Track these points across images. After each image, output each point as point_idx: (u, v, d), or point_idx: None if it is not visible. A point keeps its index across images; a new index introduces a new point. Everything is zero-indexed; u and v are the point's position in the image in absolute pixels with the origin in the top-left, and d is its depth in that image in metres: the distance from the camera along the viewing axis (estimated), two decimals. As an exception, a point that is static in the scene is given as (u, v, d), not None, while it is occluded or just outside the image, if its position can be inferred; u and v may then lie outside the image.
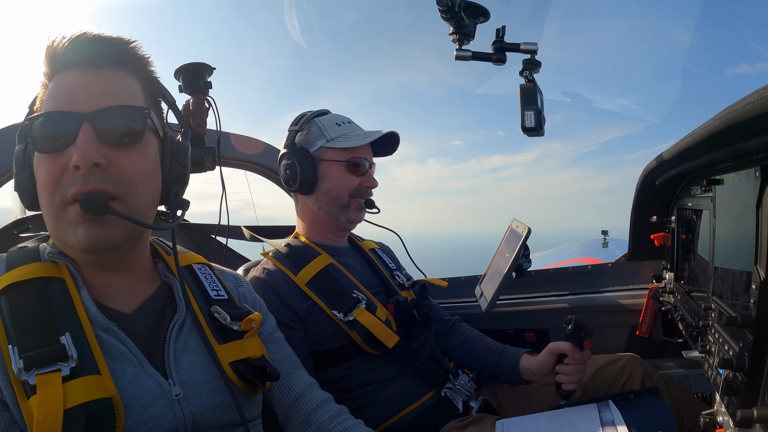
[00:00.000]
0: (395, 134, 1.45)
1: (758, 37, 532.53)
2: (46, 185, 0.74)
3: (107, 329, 0.76)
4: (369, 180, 1.43)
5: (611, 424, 1.05)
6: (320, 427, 0.96)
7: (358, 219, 1.45)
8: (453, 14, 1.10)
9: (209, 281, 0.94)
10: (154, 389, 0.75)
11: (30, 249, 0.82)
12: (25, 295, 0.74)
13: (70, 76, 0.76)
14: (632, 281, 1.92)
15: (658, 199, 1.62)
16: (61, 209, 0.74)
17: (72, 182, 0.72)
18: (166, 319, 0.84)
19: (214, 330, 0.86)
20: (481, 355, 1.47)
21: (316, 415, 0.97)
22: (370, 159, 1.44)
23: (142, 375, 0.75)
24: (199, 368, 0.81)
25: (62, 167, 0.73)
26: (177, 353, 0.81)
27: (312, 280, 1.31)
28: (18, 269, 0.77)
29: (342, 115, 1.47)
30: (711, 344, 0.98)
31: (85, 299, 0.77)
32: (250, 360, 0.87)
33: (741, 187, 0.84)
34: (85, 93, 0.75)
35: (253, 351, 0.88)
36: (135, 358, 0.76)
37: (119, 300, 0.82)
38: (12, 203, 1.95)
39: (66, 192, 0.72)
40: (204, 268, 0.97)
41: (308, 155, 1.39)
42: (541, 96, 1.20)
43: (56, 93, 0.76)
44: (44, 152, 0.74)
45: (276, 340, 1.02)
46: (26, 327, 0.71)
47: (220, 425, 0.81)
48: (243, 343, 0.87)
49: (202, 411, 0.78)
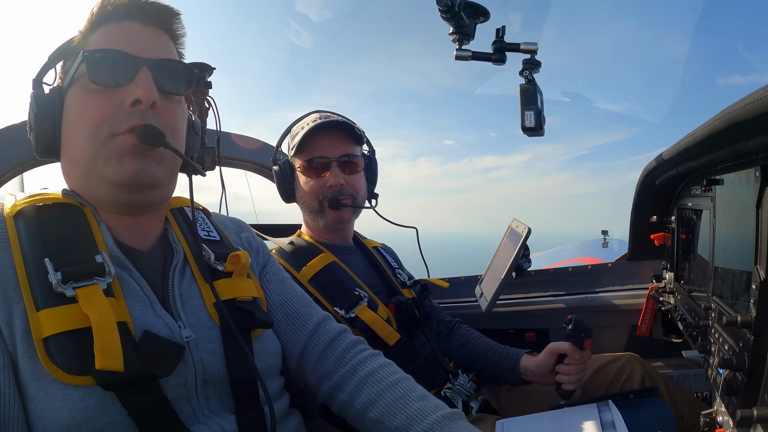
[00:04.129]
0: (339, 122, 1.37)
1: (751, 49, 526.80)
2: (93, 118, 0.75)
3: (122, 265, 0.77)
4: (331, 178, 1.37)
5: (611, 424, 1.05)
6: (337, 360, 0.93)
7: (338, 220, 1.40)
8: (453, 14, 1.10)
9: (200, 222, 0.94)
10: (162, 330, 0.74)
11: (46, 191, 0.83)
12: (55, 215, 0.76)
13: (130, 26, 0.79)
14: (632, 281, 1.92)
15: (658, 199, 1.62)
16: (107, 140, 0.75)
17: (127, 117, 0.75)
18: (167, 262, 0.84)
19: (203, 270, 0.85)
20: (481, 356, 1.47)
21: (331, 348, 0.95)
22: (331, 155, 1.38)
23: (151, 315, 0.75)
24: (206, 312, 0.81)
25: (116, 103, 0.75)
26: (183, 296, 0.81)
27: (314, 277, 1.31)
28: (40, 194, 0.79)
29: (321, 111, 1.44)
30: (711, 344, 0.98)
31: (104, 233, 0.78)
32: (237, 301, 0.84)
33: (741, 187, 0.84)
34: (145, 43, 0.79)
35: (241, 292, 0.86)
36: (147, 298, 0.76)
37: (133, 240, 0.83)
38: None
39: (118, 125, 0.74)
40: (197, 212, 0.97)
41: (285, 165, 1.43)
42: (541, 96, 1.20)
43: (114, 35, 0.78)
44: (102, 85, 0.75)
45: (281, 279, 1.01)
46: (60, 243, 0.72)
47: (233, 379, 0.78)
48: (231, 282, 0.86)
49: (212, 358, 0.77)
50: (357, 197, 1.42)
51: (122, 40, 0.78)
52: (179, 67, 0.82)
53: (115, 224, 0.81)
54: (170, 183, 0.86)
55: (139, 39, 0.79)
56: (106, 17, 0.79)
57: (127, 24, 0.79)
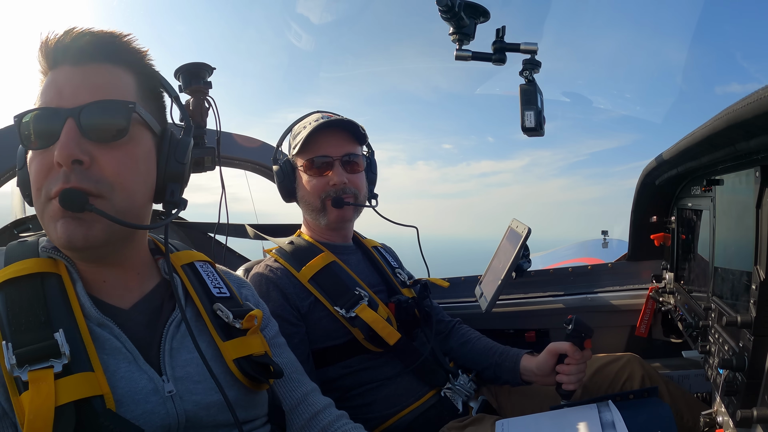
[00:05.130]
0: (337, 121, 1.38)
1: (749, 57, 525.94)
2: (35, 181, 0.74)
3: (102, 324, 0.76)
4: (334, 177, 1.37)
5: (611, 424, 1.05)
6: (322, 430, 0.97)
7: (340, 218, 1.41)
8: (453, 14, 1.10)
9: (211, 279, 0.94)
10: (147, 386, 0.74)
11: (29, 243, 0.82)
12: (22, 292, 0.74)
13: (60, 71, 0.76)
14: (632, 281, 1.92)
15: (658, 199, 1.62)
16: (45, 205, 0.74)
17: (56, 179, 0.72)
18: (164, 316, 0.83)
19: (217, 327, 0.86)
20: (481, 356, 1.47)
21: (317, 420, 0.98)
22: (334, 154, 1.38)
23: (135, 371, 0.75)
24: (196, 366, 0.80)
25: (49, 163, 0.73)
26: (173, 350, 0.80)
27: (314, 276, 1.31)
28: (15, 264, 0.77)
29: (323, 111, 1.44)
30: (711, 344, 0.98)
31: (80, 294, 0.77)
32: (253, 357, 0.86)
33: (741, 187, 0.85)
34: (72, 88, 0.74)
35: (256, 348, 0.88)
36: (129, 354, 0.75)
37: (114, 296, 0.81)
38: (12, 203, 1.95)
39: (50, 188, 0.73)
40: (206, 266, 0.96)
41: (286, 165, 1.43)
42: (541, 96, 1.20)
43: (47, 89, 0.76)
44: (32, 149, 0.75)
45: (279, 344, 1.02)
46: (21, 323, 0.71)
47: (215, 425, 0.80)
48: (246, 339, 0.87)
49: (196, 409, 0.78)
50: (359, 196, 1.42)
51: (51, 91, 0.75)
52: (110, 106, 0.75)
53: (94, 279, 0.80)
54: (125, 236, 0.81)
55: (66, 85, 0.74)
56: (47, 64, 0.77)
57: (59, 70, 0.76)
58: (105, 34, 0.78)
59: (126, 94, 0.78)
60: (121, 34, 0.79)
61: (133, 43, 0.81)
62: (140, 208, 0.81)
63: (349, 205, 1.39)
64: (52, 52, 0.75)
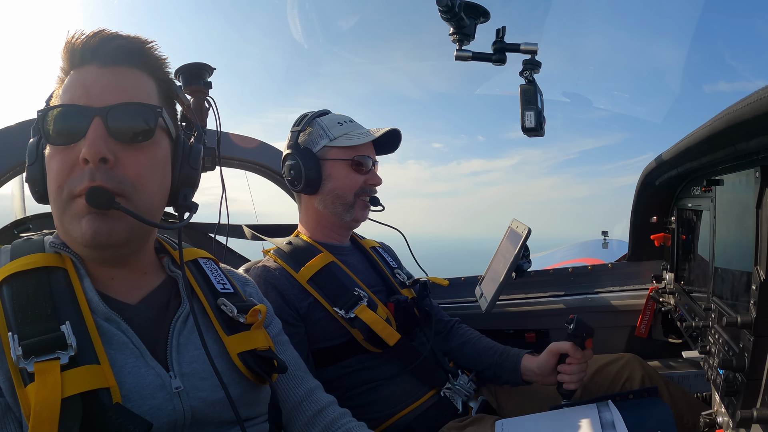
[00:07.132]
0: (397, 132, 1.45)
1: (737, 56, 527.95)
2: (56, 178, 0.74)
3: (109, 319, 0.76)
4: (373, 178, 1.43)
5: (611, 424, 1.05)
6: (325, 428, 0.97)
7: (363, 217, 1.46)
8: (453, 14, 1.11)
9: (215, 275, 0.95)
10: (154, 381, 0.75)
11: (35, 240, 0.83)
12: (28, 284, 0.74)
13: (87, 71, 0.77)
14: (632, 282, 1.92)
15: (658, 199, 1.62)
16: (68, 202, 0.74)
17: (81, 177, 0.73)
18: (171, 312, 0.84)
19: (222, 322, 0.87)
20: (481, 356, 1.47)
21: (320, 417, 0.98)
22: (373, 157, 1.44)
23: (142, 366, 0.75)
24: (202, 363, 0.81)
25: (73, 161, 0.74)
26: (180, 346, 0.81)
27: (313, 277, 1.31)
28: (22, 259, 0.77)
29: (343, 114, 1.47)
30: (711, 345, 0.98)
31: (87, 289, 0.77)
32: (257, 351, 0.87)
33: (741, 187, 0.84)
34: (101, 88, 0.76)
35: (260, 342, 0.88)
36: (137, 349, 0.76)
37: (122, 292, 0.82)
38: (12, 203, 1.95)
39: (74, 186, 0.73)
40: (209, 263, 0.97)
41: (312, 155, 1.39)
42: (541, 96, 1.20)
43: (72, 87, 0.76)
44: (56, 144, 0.75)
45: (282, 342, 1.03)
46: (27, 315, 0.71)
47: (220, 421, 0.81)
48: (250, 334, 0.88)
49: (202, 406, 0.78)
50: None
51: (78, 89, 0.76)
52: (139, 108, 0.77)
53: (103, 277, 0.81)
54: (141, 237, 0.83)
55: (94, 85, 0.76)
56: (72, 62, 0.77)
57: (86, 69, 0.77)
58: (135, 39, 0.80)
59: (150, 98, 0.80)
60: (147, 40, 0.82)
61: (157, 50, 0.83)
62: (158, 209, 0.83)
63: (380, 206, 1.45)
64: (79, 51, 0.76)
